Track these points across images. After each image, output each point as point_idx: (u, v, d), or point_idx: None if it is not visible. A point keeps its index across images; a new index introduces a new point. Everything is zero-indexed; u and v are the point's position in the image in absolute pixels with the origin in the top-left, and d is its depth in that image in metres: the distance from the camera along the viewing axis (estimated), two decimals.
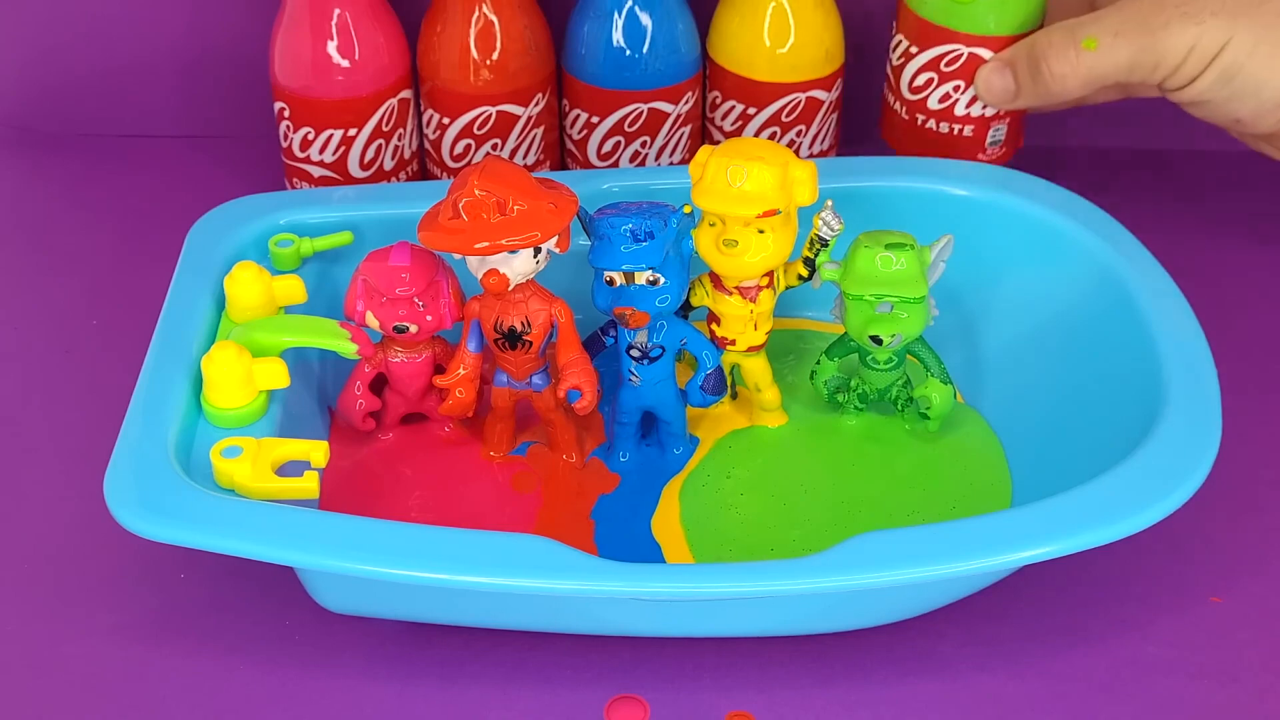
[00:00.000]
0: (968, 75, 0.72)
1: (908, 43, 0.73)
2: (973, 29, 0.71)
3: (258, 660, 0.56)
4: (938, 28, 0.71)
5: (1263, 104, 0.66)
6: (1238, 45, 0.64)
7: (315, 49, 0.72)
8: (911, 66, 0.73)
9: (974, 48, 0.71)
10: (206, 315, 0.61)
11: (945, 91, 0.73)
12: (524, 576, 0.50)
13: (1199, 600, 0.59)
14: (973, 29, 0.71)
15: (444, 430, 0.65)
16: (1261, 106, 0.66)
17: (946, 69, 0.72)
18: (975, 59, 0.71)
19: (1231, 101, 0.66)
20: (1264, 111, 0.66)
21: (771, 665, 0.56)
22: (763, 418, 0.66)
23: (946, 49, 0.72)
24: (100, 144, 0.86)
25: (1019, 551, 0.52)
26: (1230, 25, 0.64)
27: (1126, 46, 0.66)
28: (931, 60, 0.72)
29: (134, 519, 0.52)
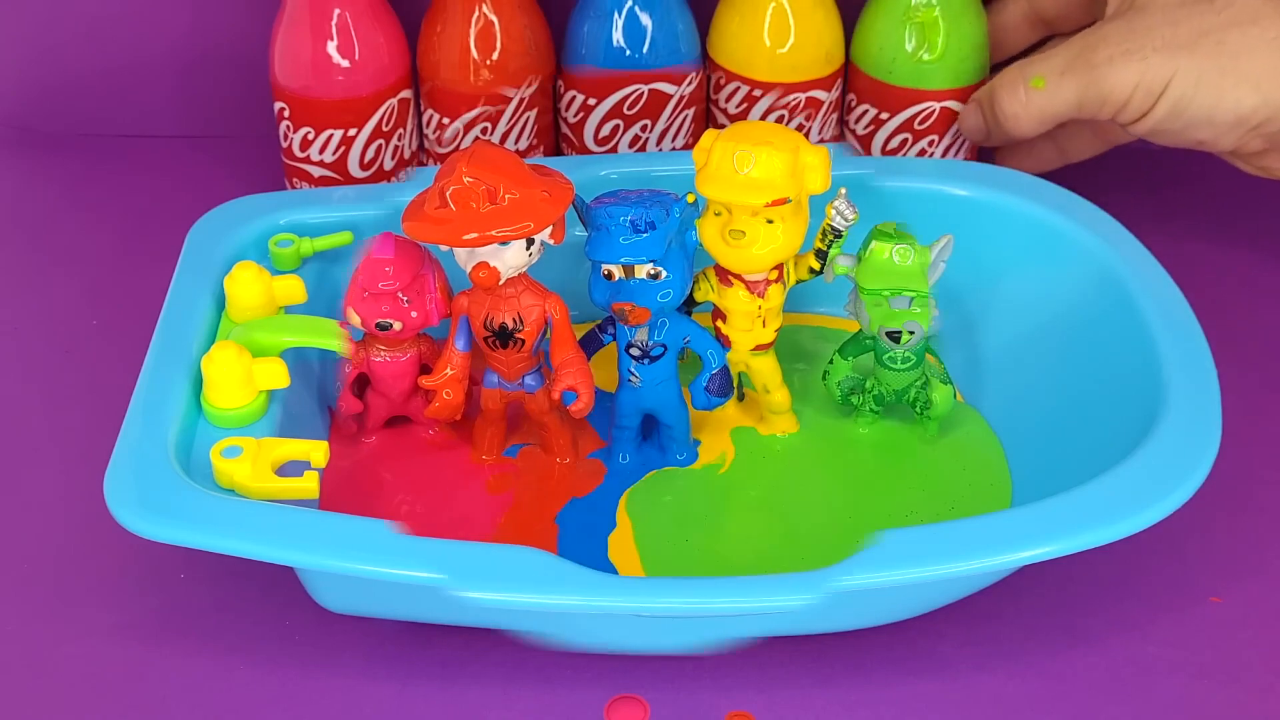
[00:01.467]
0: (942, 129, 0.74)
1: (875, 110, 0.75)
2: (945, 84, 0.73)
3: (258, 660, 0.56)
4: (907, 90, 0.73)
5: (1218, 127, 0.67)
6: (1183, 78, 0.65)
7: (315, 49, 0.72)
8: (883, 132, 0.75)
9: (944, 101, 0.74)
10: (206, 315, 0.61)
11: (920, 147, 0.75)
12: (521, 590, 0.50)
13: (1199, 600, 0.59)
14: (945, 84, 0.73)
15: (429, 434, 0.64)
16: (1217, 130, 0.67)
17: (920, 127, 0.74)
18: (948, 112, 0.74)
19: (1188, 130, 0.67)
20: (1221, 133, 0.67)
21: (772, 665, 0.56)
22: (771, 421, 0.64)
23: (920, 108, 0.74)
24: (100, 144, 0.86)
25: (1019, 551, 0.52)
26: (1172, 60, 0.65)
27: (1072, 84, 0.68)
28: (905, 122, 0.74)
29: (134, 519, 0.52)
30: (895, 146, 0.76)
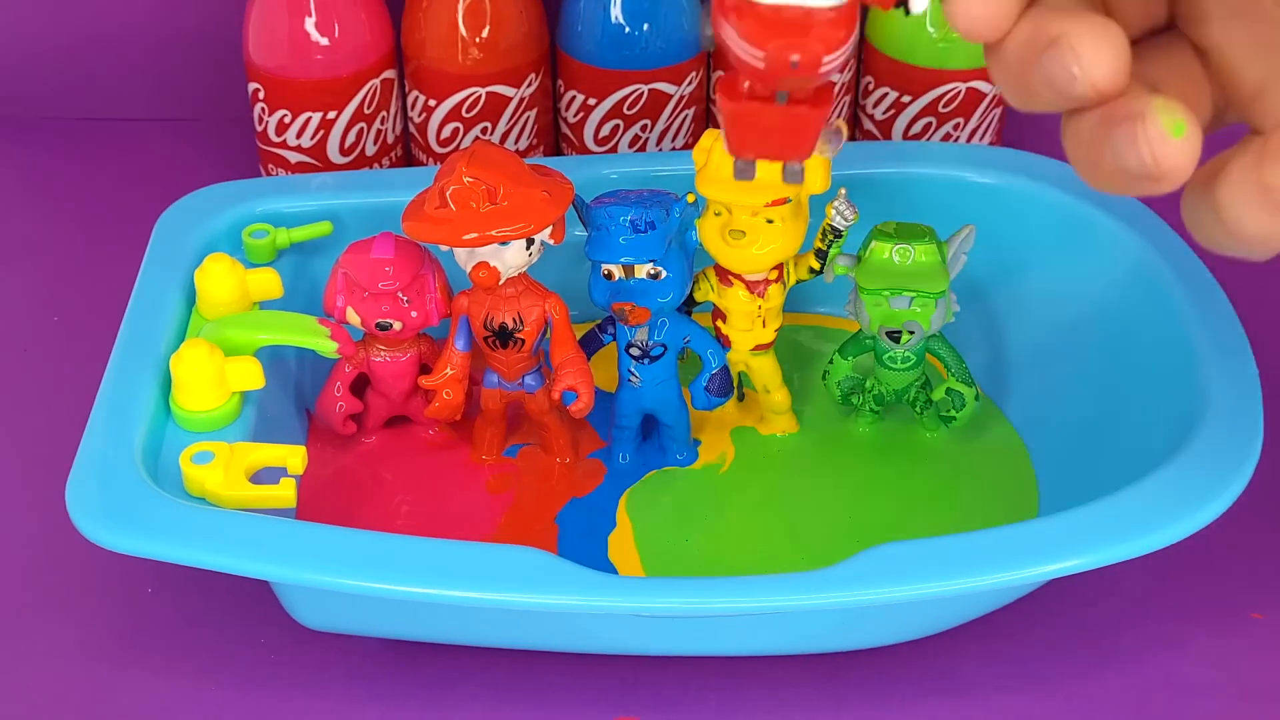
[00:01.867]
0: (968, 111, 0.74)
1: (896, 93, 0.75)
2: (971, 63, 0.73)
3: (231, 680, 0.56)
4: (931, 71, 0.73)
5: None
6: None
7: (292, 26, 0.72)
8: (904, 117, 0.75)
9: (970, 82, 0.73)
10: (175, 311, 0.61)
11: (945, 131, 0.75)
12: (517, 591, 0.50)
13: (1239, 617, 0.59)
14: (971, 63, 0.73)
15: (429, 434, 0.65)
16: None
17: (944, 110, 0.74)
18: (974, 93, 0.74)
19: None
20: None
21: (781, 686, 0.56)
22: (771, 421, 0.65)
23: (945, 90, 0.74)
24: (62, 127, 0.86)
25: (1046, 564, 0.51)
26: None
27: None
28: (928, 105, 0.75)
29: (98, 529, 0.52)
30: (918, 132, 0.76)
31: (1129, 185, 0.37)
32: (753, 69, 0.36)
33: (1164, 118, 0.36)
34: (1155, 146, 0.36)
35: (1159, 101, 0.36)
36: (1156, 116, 0.36)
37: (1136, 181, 0.36)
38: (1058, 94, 0.37)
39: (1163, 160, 0.36)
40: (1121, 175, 0.36)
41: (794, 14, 0.35)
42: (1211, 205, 0.37)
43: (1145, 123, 0.36)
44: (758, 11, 0.35)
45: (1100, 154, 0.37)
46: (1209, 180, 0.37)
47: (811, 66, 0.36)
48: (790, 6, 0.35)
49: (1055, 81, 0.36)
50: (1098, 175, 0.38)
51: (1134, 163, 0.36)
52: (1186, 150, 0.36)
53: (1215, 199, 0.37)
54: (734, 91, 0.38)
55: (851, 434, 0.65)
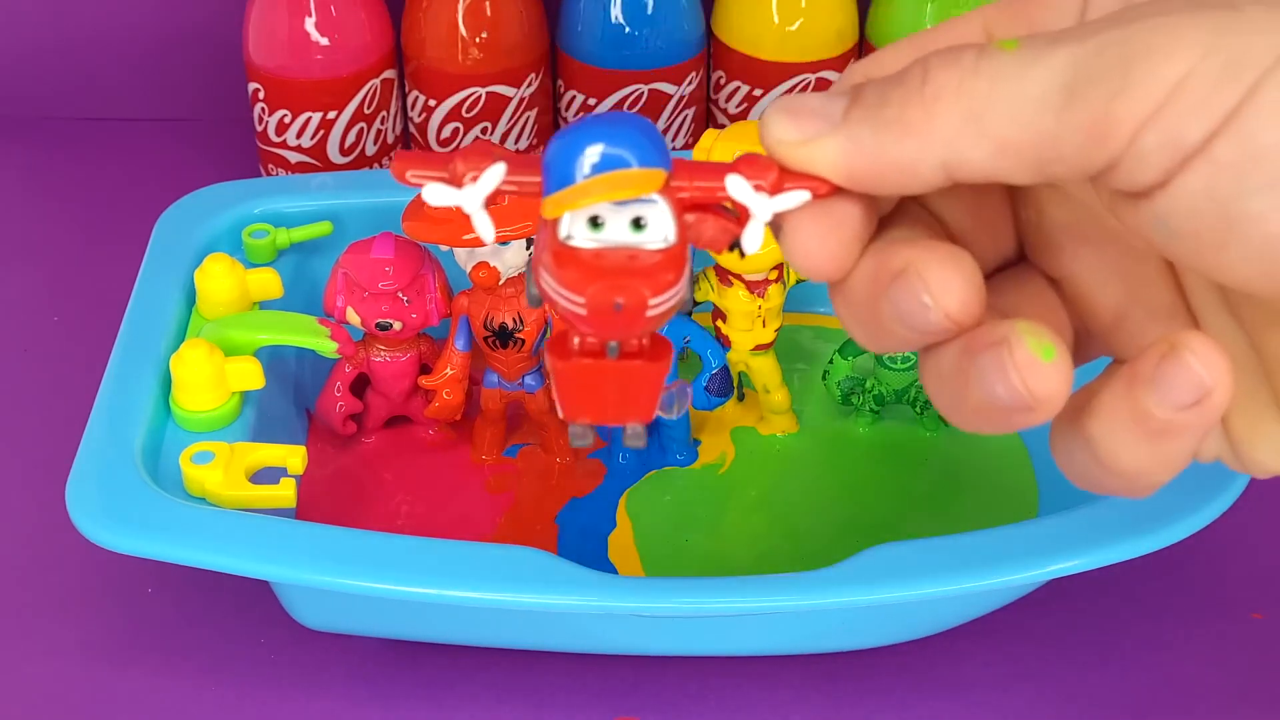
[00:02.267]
0: None
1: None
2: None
3: (231, 681, 0.56)
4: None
5: None
6: None
7: (292, 26, 0.72)
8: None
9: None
10: (176, 311, 0.61)
11: None
12: (516, 591, 0.50)
13: (1239, 617, 0.59)
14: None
15: (429, 434, 0.65)
16: None
17: None
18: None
19: None
20: None
21: (781, 686, 0.56)
22: (771, 421, 0.65)
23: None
24: (62, 127, 0.86)
25: (1045, 564, 0.51)
26: None
27: None
28: None
29: (98, 529, 0.51)
30: None
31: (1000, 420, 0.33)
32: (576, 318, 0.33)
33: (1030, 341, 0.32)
34: (1025, 372, 0.32)
35: (1023, 324, 0.32)
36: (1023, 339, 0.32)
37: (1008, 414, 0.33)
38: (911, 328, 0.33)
39: (1035, 387, 0.32)
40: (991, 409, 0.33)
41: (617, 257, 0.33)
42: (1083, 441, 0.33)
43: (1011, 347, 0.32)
44: (578, 257, 0.33)
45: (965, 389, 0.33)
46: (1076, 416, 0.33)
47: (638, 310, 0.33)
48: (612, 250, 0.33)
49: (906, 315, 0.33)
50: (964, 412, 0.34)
51: (1003, 392, 0.32)
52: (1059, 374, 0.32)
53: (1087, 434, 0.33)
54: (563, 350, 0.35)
55: (851, 434, 0.65)
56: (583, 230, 0.33)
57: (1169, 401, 0.31)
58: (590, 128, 0.33)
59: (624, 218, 0.33)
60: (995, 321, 0.33)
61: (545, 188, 0.33)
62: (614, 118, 0.34)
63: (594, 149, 0.33)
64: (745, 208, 0.34)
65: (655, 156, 0.33)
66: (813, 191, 0.33)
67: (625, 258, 0.33)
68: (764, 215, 0.34)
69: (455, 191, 0.33)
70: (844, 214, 0.34)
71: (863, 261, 0.34)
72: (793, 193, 0.33)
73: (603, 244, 0.33)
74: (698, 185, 0.34)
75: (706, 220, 0.34)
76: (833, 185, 0.33)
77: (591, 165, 0.33)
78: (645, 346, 0.35)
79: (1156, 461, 0.33)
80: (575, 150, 0.33)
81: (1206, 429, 0.32)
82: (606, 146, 0.33)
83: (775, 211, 0.34)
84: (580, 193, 0.33)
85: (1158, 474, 0.33)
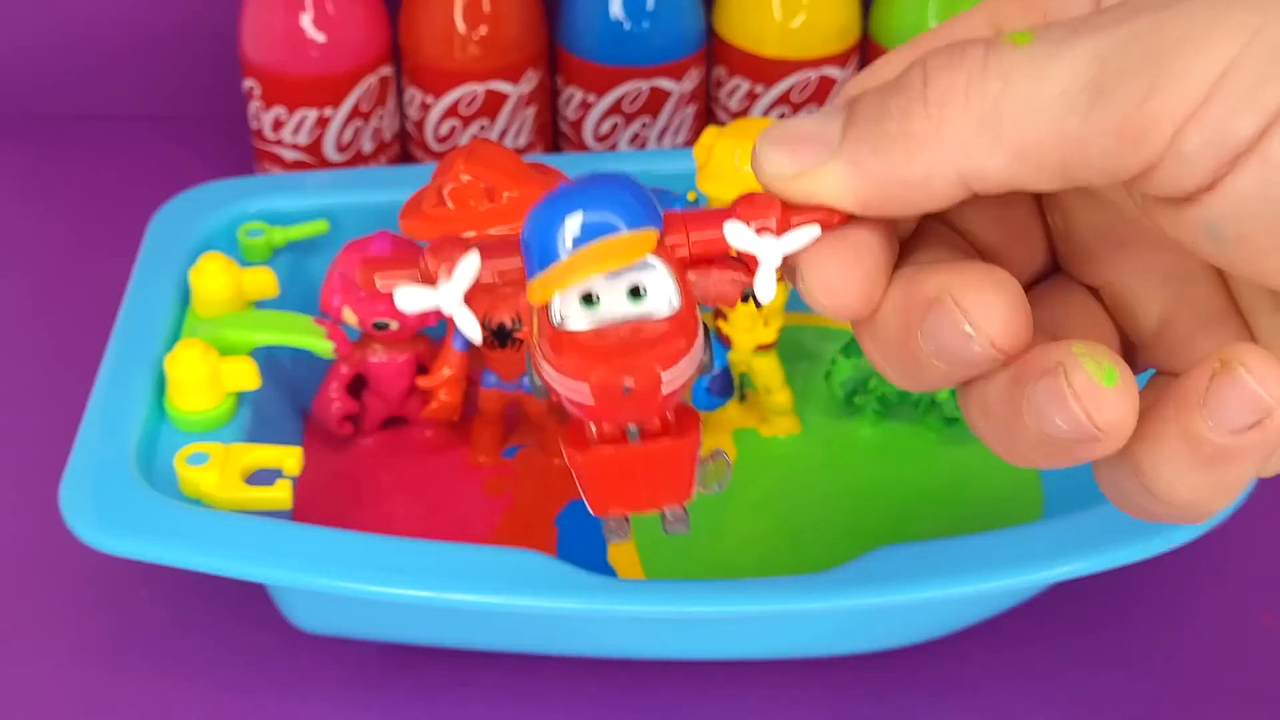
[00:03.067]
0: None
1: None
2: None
3: (226, 684, 0.56)
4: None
5: None
6: None
7: (288, 22, 0.72)
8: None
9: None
10: (170, 311, 0.61)
11: None
12: (515, 594, 0.50)
13: (1248, 620, 0.59)
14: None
15: (426, 435, 0.65)
16: None
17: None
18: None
19: None
20: None
21: (783, 691, 0.56)
22: (773, 422, 0.65)
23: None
24: (55, 125, 0.86)
25: (1051, 567, 0.51)
26: None
27: None
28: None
29: (91, 531, 0.51)
30: None
31: (1061, 454, 0.30)
32: (585, 409, 0.30)
33: (1089, 364, 0.29)
34: (1086, 401, 0.29)
35: (1078, 346, 0.29)
36: (1080, 364, 0.29)
37: (1070, 448, 0.29)
38: (952, 362, 0.30)
39: (1099, 416, 0.29)
40: (1050, 443, 0.29)
41: (619, 334, 0.30)
42: (1130, 469, 0.30)
43: (1068, 374, 0.29)
44: (575, 341, 0.30)
45: (1018, 423, 0.30)
46: None
47: (651, 389, 0.30)
48: (613, 327, 0.30)
49: (946, 348, 0.30)
50: (1019, 448, 0.30)
51: (1063, 424, 0.29)
52: (1125, 399, 0.29)
53: (1137, 465, 0.30)
54: (580, 440, 0.32)
55: (854, 435, 0.65)
56: (576, 311, 0.30)
57: (1225, 425, 0.28)
58: (566, 196, 0.30)
59: (620, 289, 0.30)
60: (1046, 345, 0.29)
61: (528, 271, 0.31)
62: (592, 181, 0.31)
63: (574, 219, 0.30)
64: (751, 255, 0.31)
65: (643, 215, 0.30)
66: (822, 224, 0.31)
67: (628, 332, 0.30)
68: (773, 260, 0.31)
69: (431, 292, 0.31)
70: (861, 242, 0.31)
71: (890, 293, 0.31)
72: (800, 229, 0.31)
73: (601, 322, 0.30)
74: (695, 239, 0.31)
75: (711, 275, 0.32)
76: (843, 214, 0.31)
77: (574, 238, 0.30)
78: (670, 422, 0.32)
79: (1213, 489, 0.30)
80: (553, 223, 0.30)
81: (1269, 451, 0.29)
82: (587, 214, 0.30)
83: (784, 253, 0.31)
84: (566, 270, 0.30)
85: (1215, 502, 0.30)
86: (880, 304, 0.31)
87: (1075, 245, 0.34)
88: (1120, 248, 0.33)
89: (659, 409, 0.31)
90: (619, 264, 0.30)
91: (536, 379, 0.32)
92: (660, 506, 0.33)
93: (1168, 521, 0.31)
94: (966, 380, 0.31)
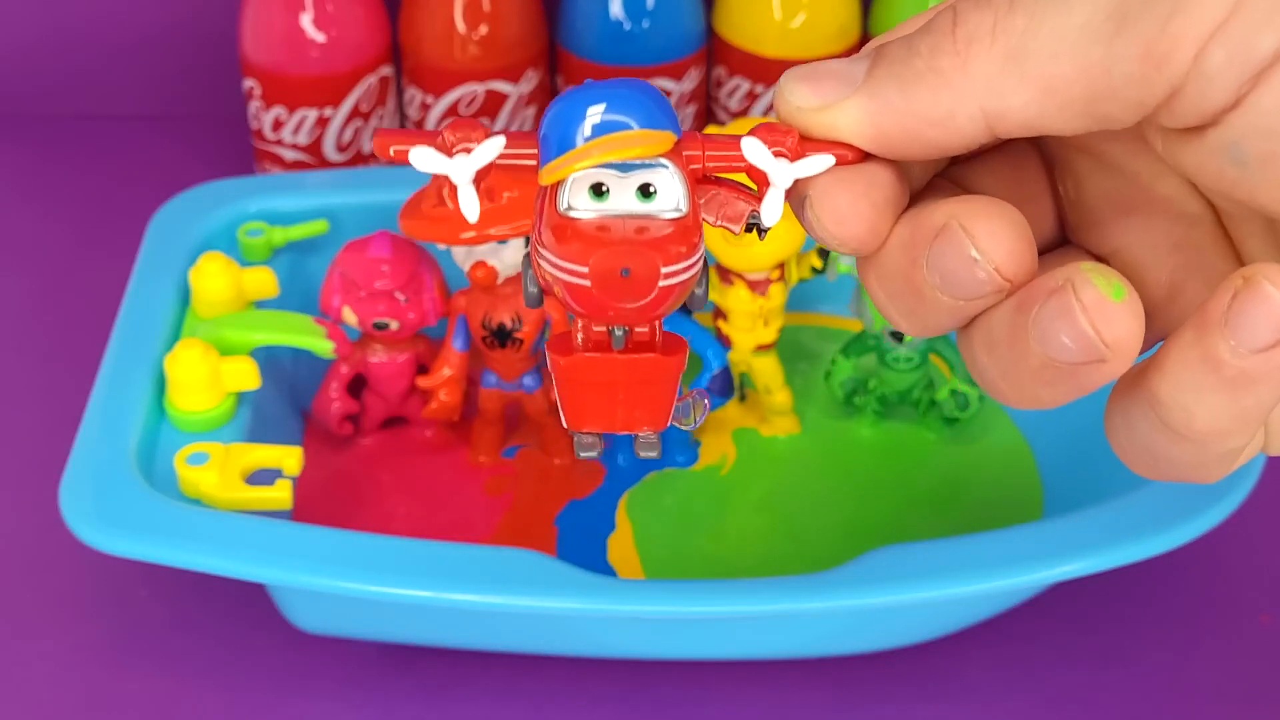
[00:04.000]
0: None
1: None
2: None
3: (226, 684, 0.56)
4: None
5: None
6: None
7: (288, 22, 0.72)
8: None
9: None
10: (170, 311, 0.61)
11: None
12: (514, 594, 0.50)
13: (1246, 619, 0.59)
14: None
15: (426, 435, 0.65)
16: None
17: None
18: None
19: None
20: None
21: (784, 690, 0.56)
22: (773, 422, 0.65)
23: None
24: (55, 125, 0.86)
25: (1051, 567, 0.51)
26: None
27: None
28: None
29: (92, 531, 0.51)
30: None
31: (1066, 379, 0.29)
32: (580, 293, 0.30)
33: (1098, 280, 0.29)
34: (1095, 315, 0.28)
35: (1087, 265, 0.29)
36: (1089, 279, 0.29)
37: (1075, 371, 0.29)
38: (956, 293, 0.30)
39: (1107, 330, 0.28)
40: (1055, 367, 0.29)
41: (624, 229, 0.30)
42: (1147, 407, 0.30)
43: (1077, 289, 0.29)
44: (579, 228, 0.30)
45: (1023, 350, 0.29)
46: (1138, 383, 0.30)
47: (649, 279, 0.30)
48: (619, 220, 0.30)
49: (950, 275, 0.30)
50: (1022, 379, 0.30)
51: (1070, 342, 0.28)
52: (1132, 316, 0.28)
53: (1153, 397, 0.29)
54: (566, 346, 0.32)
55: (854, 435, 0.65)
56: (585, 200, 0.30)
57: (1248, 343, 0.28)
58: (591, 91, 0.31)
59: (630, 184, 0.30)
60: (1052, 270, 0.29)
61: (543, 157, 0.31)
62: (616, 82, 0.31)
63: (595, 111, 0.30)
64: (764, 175, 0.31)
65: (662, 120, 0.31)
66: (838, 159, 0.31)
67: (633, 229, 0.30)
68: (784, 182, 0.31)
69: (445, 160, 0.31)
70: (874, 177, 0.31)
71: (897, 229, 0.31)
72: (815, 157, 0.31)
73: (608, 213, 0.30)
74: (711, 154, 0.31)
75: (720, 194, 0.32)
76: (859, 151, 0.31)
77: (593, 127, 0.30)
78: (657, 340, 0.32)
79: (1233, 416, 0.29)
80: (575, 114, 0.31)
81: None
82: (609, 108, 0.30)
83: (797, 177, 0.31)
84: (581, 154, 0.30)
85: (1234, 433, 0.29)
86: (887, 239, 0.31)
87: (1085, 213, 0.34)
88: (1130, 214, 0.33)
89: (653, 307, 0.31)
90: (633, 155, 0.30)
91: (531, 285, 0.32)
92: (634, 428, 0.33)
93: (1181, 473, 0.30)
94: (968, 318, 0.31)
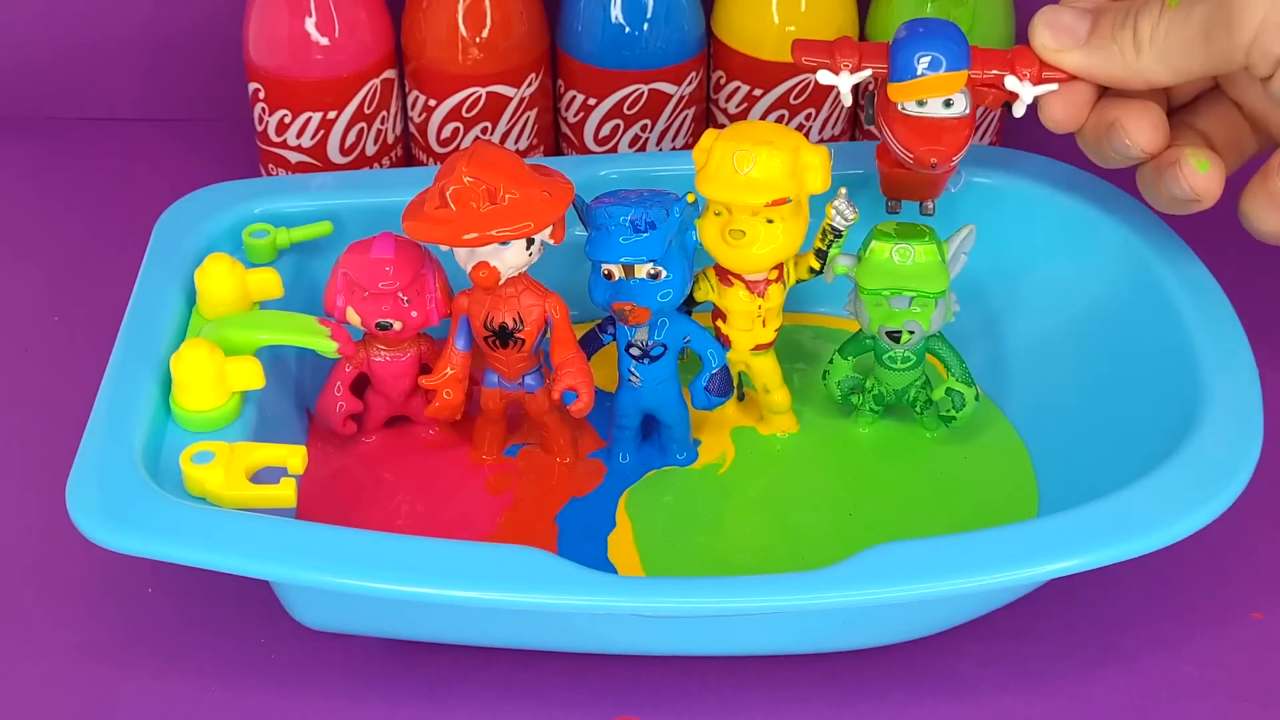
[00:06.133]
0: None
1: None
2: None
3: (231, 681, 0.56)
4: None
5: None
6: None
7: (292, 25, 0.72)
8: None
9: None
10: (176, 311, 0.61)
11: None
12: (516, 591, 0.50)
13: (1239, 616, 0.59)
14: None
15: (429, 433, 0.65)
16: None
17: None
18: None
19: None
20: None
21: (781, 686, 0.56)
22: (771, 421, 0.65)
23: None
24: (62, 128, 0.86)
25: (1045, 564, 0.51)
26: None
27: None
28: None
29: (98, 529, 0.51)
30: None
31: (1180, 207, 0.57)
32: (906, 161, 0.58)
33: (1192, 159, 0.56)
34: (1189, 180, 0.56)
35: (1188, 150, 0.56)
36: (1187, 160, 0.56)
37: (1184, 204, 0.57)
38: (1122, 157, 0.57)
39: (1195, 188, 0.56)
40: (1173, 201, 0.57)
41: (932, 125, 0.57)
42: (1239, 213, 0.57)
43: (1181, 165, 0.56)
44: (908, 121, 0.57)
45: (1159, 188, 0.57)
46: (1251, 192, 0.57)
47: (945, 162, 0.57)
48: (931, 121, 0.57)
49: (1118, 149, 0.57)
50: (1159, 202, 0.58)
51: (1178, 192, 0.56)
52: (1212, 179, 0.56)
53: (1240, 210, 0.57)
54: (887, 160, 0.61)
55: (851, 434, 0.65)
56: (913, 106, 0.58)
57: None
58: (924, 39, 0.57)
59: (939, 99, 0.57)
60: (1174, 146, 0.57)
61: (891, 74, 0.57)
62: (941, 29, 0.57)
63: (924, 56, 0.57)
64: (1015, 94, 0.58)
65: (963, 60, 0.57)
66: (1060, 82, 0.57)
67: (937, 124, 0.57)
68: (1027, 98, 0.58)
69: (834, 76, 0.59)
70: (1080, 94, 0.58)
71: (1091, 116, 0.58)
72: (1047, 84, 0.58)
73: (924, 115, 0.58)
74: (987, 75, 0.58)
75: (989, 94, 0.58)
76: (1073, 77, 0.57)
77: (924, 66, 0.57)
78: None
79: None
80: (915, 51, 0.57)
81: None
82: (935, 54, 0.57)
83: (1035, 95, 0.58)
84: (915, 88, 0.57)
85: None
86: (1085, 123, 0.58)
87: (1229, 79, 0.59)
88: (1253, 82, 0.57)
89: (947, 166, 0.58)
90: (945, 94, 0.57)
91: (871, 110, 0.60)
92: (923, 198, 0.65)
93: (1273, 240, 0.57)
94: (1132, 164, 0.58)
